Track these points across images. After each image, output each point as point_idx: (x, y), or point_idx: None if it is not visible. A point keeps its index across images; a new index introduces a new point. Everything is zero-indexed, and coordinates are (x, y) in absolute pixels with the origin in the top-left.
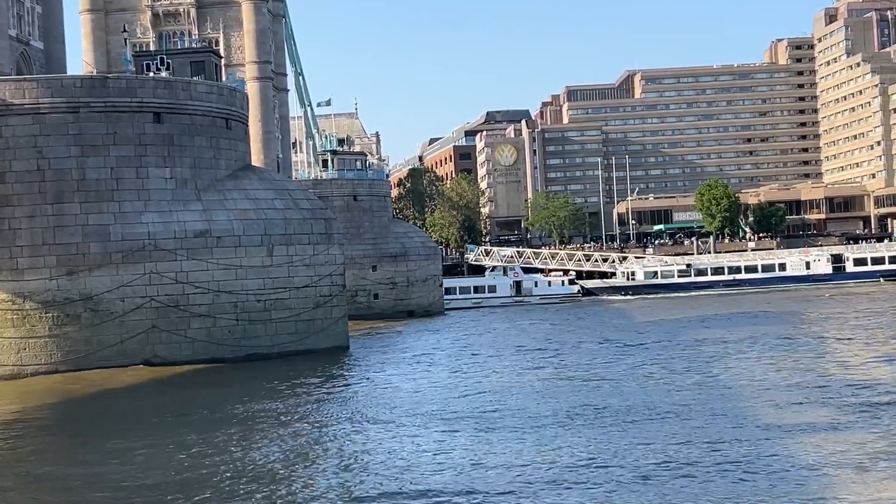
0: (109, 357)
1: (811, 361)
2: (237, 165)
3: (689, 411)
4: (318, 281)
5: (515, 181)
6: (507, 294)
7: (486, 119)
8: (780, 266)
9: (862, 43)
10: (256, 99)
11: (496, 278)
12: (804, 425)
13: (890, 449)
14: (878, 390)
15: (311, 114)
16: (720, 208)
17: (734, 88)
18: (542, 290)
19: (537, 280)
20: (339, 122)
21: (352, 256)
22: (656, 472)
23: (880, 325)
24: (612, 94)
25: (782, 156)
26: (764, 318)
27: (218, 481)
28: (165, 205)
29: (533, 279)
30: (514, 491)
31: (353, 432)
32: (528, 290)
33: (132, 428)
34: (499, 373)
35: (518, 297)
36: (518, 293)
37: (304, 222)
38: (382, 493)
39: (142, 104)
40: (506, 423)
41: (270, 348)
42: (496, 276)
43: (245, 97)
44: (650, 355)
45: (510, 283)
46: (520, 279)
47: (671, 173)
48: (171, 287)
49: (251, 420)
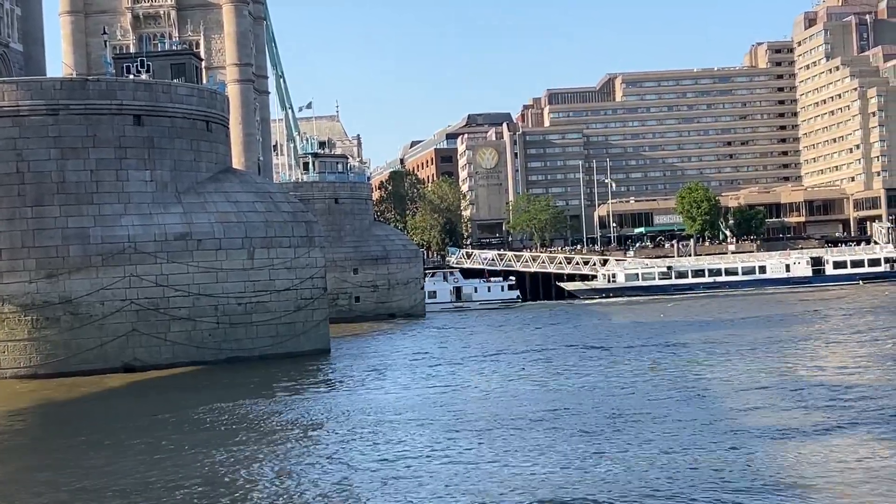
0: (89, 360)
1: (790, 364)
2: (218, 168)
3: (667, 414)
4: (299, 284)
5: (497, 184)
6: (448, 300)
7: (467, 122)
8: (761, 269)
9: (841, 47)
10: (237, 101)
11: (436, 284)
12: (781, 428)
13: (869, 451)
14: (857, 393)
15: (292, 116)
16: (700, 211)
17: (714, 92)
18: (481, 295)
19: (477, 286)
20: (320, 124)
21: (333, 259)
22: (634, 477)
23: (860, 328)
24: (593, 97)
25: (762, 159)
26: (744, 320)
27: (182, 487)
28: (145, 207)
29: (473, 284)
30: (493, 494)
31: (329, 436)
32: (468, 295)
33: (102, 432)
34: (479, 377)
35: (458, 303)
36: (458, 299)
37: (285, 225)
38: (354, 497)
39: (122, 106)
40: (484, 426)
41: (251, 351)
42: (436, 281)
43: (226, 100)
44: (629, 359)
45: (450, 289)
46: (460, 285)
47: (652, 176)
48: (151, 290)
49: (224, 424)
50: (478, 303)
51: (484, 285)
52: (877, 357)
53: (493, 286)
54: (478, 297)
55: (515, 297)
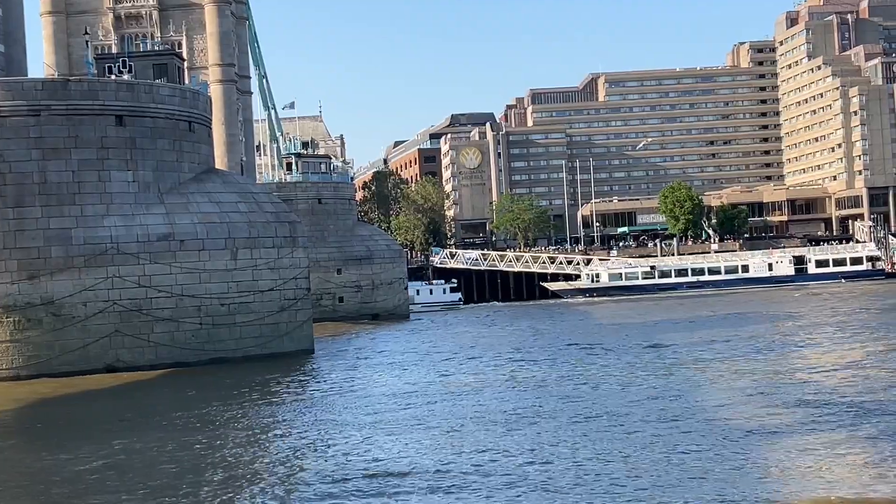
0: (72, 362)
1: (772, 363)
2: (200, 168)
3: (649, 413)
4: (283, 284)
5: (480, 184)
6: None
7: (450, 122)
8: (743, 268)
9: (823, 46)
10: (220, 102)
11: None
12: (761, 426)
13: (849, 449)
14: (838, 391)
15: (274, 117)
16: (683, 210)
17: (697, 91)
18: (423, 298)
19: (419, 288)
20: (303, 124)
21: (316, 260)
22: (614, 476)
23: (842, 326)
24: (576, 97)
25: (745, 158)
26: (726, 319)
27: (137, 490)
28: (128, 208)
29: (415, 287)
30: (475, 491)
31: (311, 436)
32: (410, 298)
33: (78, 434)
34: (462, 376)
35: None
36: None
37: (268, 225)
38: (333, 494)
39: (104, 107)
40: (467, 426)
41: (234, 352)
42: None
43: (208, 100)
44: (612, 358)
45: None
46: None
47: (635, 176)
48: (133, 291)
49: (206, 424)
50: (420, 305)
51: (426, 288)
52: (859, 355)
53: (435, 289)
54: (420, 299)
55: (458, 300)
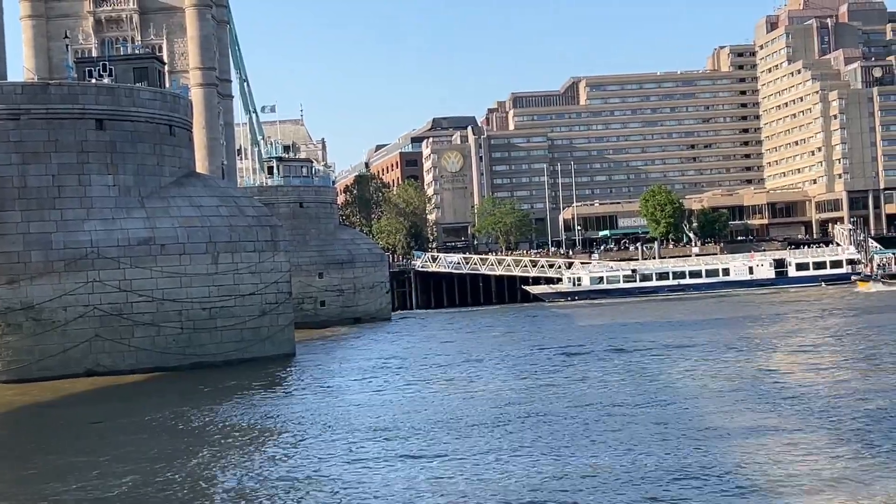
0: (52, 367)
1: (753, 365)
2: (181, 172)
3: (630, 416)
4: (264, 288)
5: (462, 187)
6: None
7: (432, 125)
8: (724, 271)
9: (803, 50)
10: (201, 105)
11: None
12: (743, 428)
13: (829, 450)
14: (818, 393)
15: (256, 120)
16: (664, 214)
17: (677, 95)
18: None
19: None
20: (284, 128)
21: (298, 263)
22: (595, 477)
23: (821, 329)
24: (558, 101)
25: (725, 162)
26: (707, 322)
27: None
28: (108, 212)
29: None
30: (452, 494)
31: (289, 441)
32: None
33: (49, 440)
34: (442, 381)
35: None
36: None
37: (249, 229)
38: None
39: (84, 111)
40: (445, 431)
41: (216, 356)
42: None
43: (189, 104)
44: (594, 362)
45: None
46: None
47: (616, 179)
48: (114, 295)
49: (179, 430)
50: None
51: None
52: (838, 358)
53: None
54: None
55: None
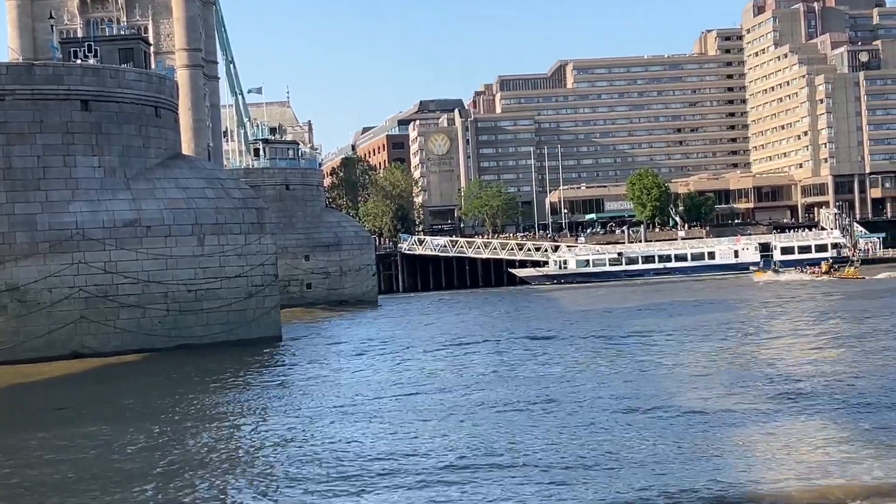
0: (37, 348)
1: (738, 349)
2: (167, 154)
3: (614, 399)
4: (250, 271)
5: (448, 170)
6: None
7: (419, 108)
8: (710, 255)
9: (790, 34)
10: (186, 87)
11: None
12: (729, 412)
13: (816, 434)
14: (803, 377)
15: (242, 102)
16: (651, 197)
17: (664, 79)
18: None
19: None
20: (270, 110)
21: (284, 246)
22: (582, 460)
23: (806, 312)
24: (545, 84)
25: (711, 146)
26: (692, 306)
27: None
28: (94, 194)
29: None
30: (436, 479)
31: (274, 423)
32: None
33: (25, 423)
34: (428, 364)
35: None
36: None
37: (235, 212)
38: (293, 486)
39: (69, 92)
40: (433, 413)
41: (201, 339)
42: None
43: (175, 85)
44: (578, 345)
45: None
46: None
47: (603, 163)
48: (99, 277)
49: (159, 412)
50: None
51: None
52: (821, 340)
53: None
54: None
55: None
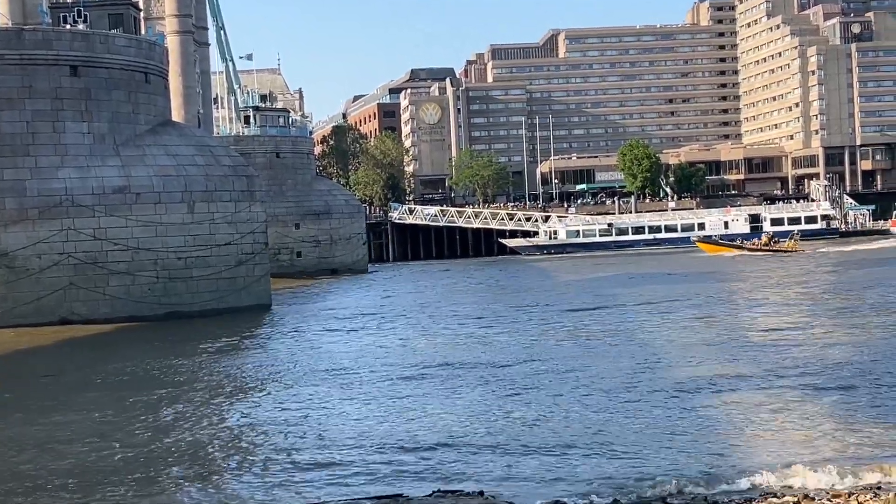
0: (26, 314)
1: (726, 321)
2: (157, 121)
3: (602, 369)
4: (240, 239)
5: (440, 139)
6: None
7: (410, 77)
8: (700, 225)
9: (782, 5)
10: (176, 53)
11: None
12: (717, 383)
13: (804, 405)
14: (793, 349)
15: (232, 69)
16: (641, 168)
17: (657, 49)
18: None
19: None
20: (261, 77)
21: (274, 214)
22: (571, 431)
23: (797, 284)
24: (537, 53)
25: (703, 116)
26: (682, 277)
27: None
28: (83, 160)
29: None
30: (431, 448)
31: (264, 391)
32: None
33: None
34: (418, 333)
35: None
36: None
37: (225, 179)
38: (283, 457)
39: (58, 57)
40: (423, 381)
41: (191, 306)
42: None
43: (164, 51)
44: (566, 315)
45: None
46: None
47: (594, 133)
48: (89, 244)
49: (151, 379)
50: None
51: None
52: (809, 312)
53: None
54: None
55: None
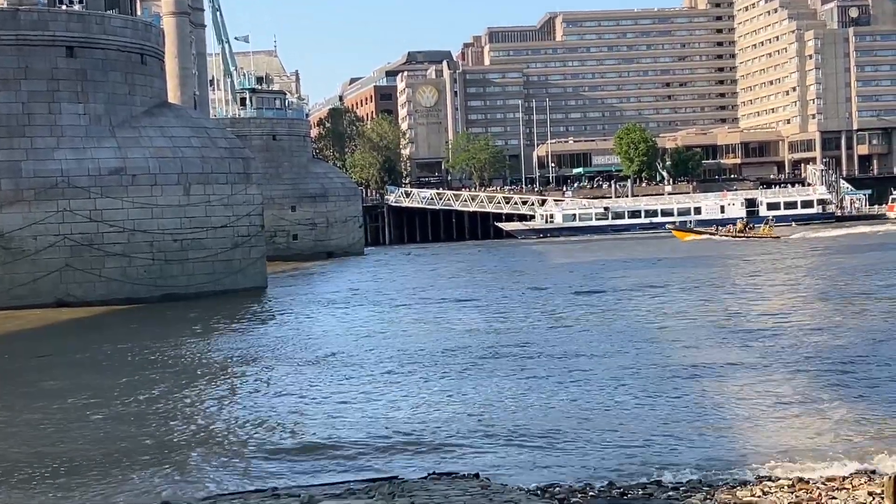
0: (22, 296)
1: (717, 303)
2: (153, 102)
3: (600, 351)
4: (236, 221)
5: (436, 122)
6: None
7: (407, 59)
8: (696, 210)
9: None
10: (173, 34)
11: None
12: (711, 368)
13: (798, 390)
14: (790, 331)
15: (228, 51)
16: (638, 152)
17: (654, 32)
18: None
19: None
20: (257, 59)
21: (271, 197)
22: (566, 415)
23: (791, 269)
24: (534, 37)
25: (700, 100)
26: (678, 261)
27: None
28: (79, 141)
29: None
30: (425, 432)
31: (258, 372)
32: None
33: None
34: (413, 316)
35: None
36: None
37: (221, 161)
38: (274, 440)
39: (54, 38)
40: (416, 365)
41: (187, 288)
42: None
43: (161, 32)
44: (562, 298)
45: None
46: None
47: (591, 117)
48: (84, 225)
49: (145, 360)
50: None
51: None
52: (803, 296)
53: None
54: None
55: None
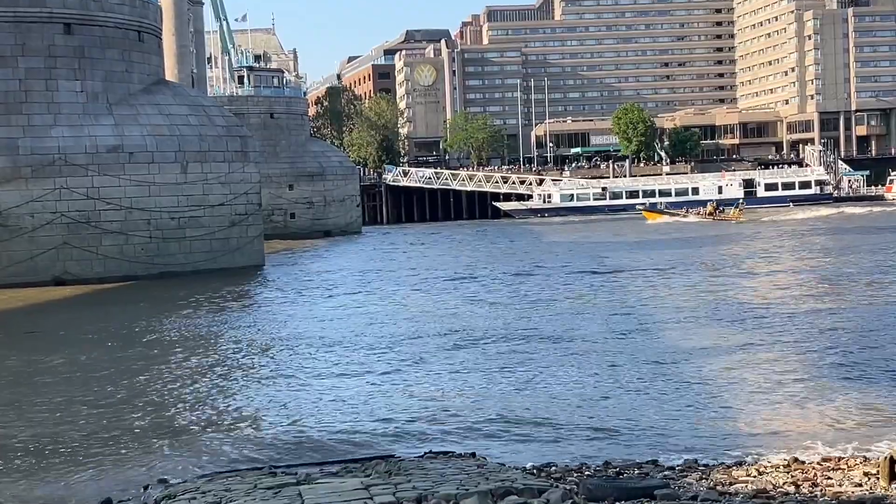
0: (19, 273)
1: (718, 285)
2: (150, 80)
3: (598, 333)
4: (234, 199)
5: (434, 101)
6: None
7: (405, 38)
8: (694, 190)
9: None
10: (170, 11)
11: None
12: (708, 350)
13: (794, 373)
14: (786, 312)
15: (226, 28)
16: (636, 132)
17: (653, 12)
18: None
19: None
20: (255, 37)
21: (268, 175)
22: (563, 397)
23: (790, 249)
24: (533, 16)
25: (698, 80)
26: (675, 241)
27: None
28: (76, 119)
29: None
30: (421, 413)
31: (255, 351)
32: None
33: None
34: (410, 297)
35: None
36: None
37: (219, 139)
38: (268, 419)
39: (51, 14)
40: (412, 346)
41: (184, 266)
42: None
43: (158, 9)
44: (558, 279)
45: None
46: None
47: (589, 96)
48: (82, 203)
49: (139, 338)
50: None
51: None
52: (800, 278)
53: None
54: None
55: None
